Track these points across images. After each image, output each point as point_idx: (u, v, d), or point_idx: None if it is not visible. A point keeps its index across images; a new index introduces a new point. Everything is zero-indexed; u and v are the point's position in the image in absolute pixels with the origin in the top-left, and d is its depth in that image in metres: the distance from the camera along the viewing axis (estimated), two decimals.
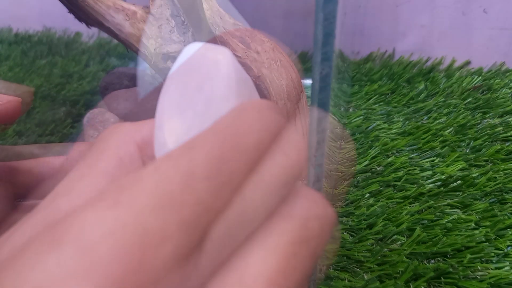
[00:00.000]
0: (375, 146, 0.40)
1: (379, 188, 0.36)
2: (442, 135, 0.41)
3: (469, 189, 0.35)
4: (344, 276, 0.29)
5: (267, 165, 0.12)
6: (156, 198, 0.10)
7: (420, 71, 0.53)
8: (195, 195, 0.10)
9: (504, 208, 0.33)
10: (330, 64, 0.16)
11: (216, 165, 0.10)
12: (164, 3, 0.32)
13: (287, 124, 0.13)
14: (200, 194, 0.10)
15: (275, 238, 0.11)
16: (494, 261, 0.29)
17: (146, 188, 0.10)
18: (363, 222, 0.33)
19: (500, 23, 0.51)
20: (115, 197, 0.10)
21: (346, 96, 0.46)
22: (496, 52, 0.53)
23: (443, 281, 0.28)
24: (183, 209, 0.10)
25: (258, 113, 0.12)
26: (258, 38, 0.33)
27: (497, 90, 0.48)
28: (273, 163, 0.12)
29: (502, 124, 0.42)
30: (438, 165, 0.37)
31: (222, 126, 0.11)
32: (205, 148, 0.11)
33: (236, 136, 0.11)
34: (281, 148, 0.12)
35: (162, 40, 0.31)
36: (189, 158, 0.10)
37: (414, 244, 0.30)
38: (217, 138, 0.11)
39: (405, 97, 0.48)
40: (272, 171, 0.12)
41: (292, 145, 0.12)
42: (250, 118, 0.12)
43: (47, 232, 0.10)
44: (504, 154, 0.38)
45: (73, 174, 0.13)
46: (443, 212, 0.33)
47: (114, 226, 0.09)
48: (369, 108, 0.47)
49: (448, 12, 0.52)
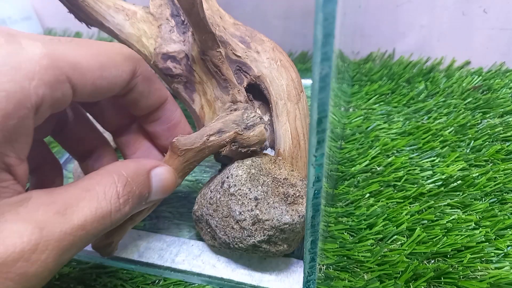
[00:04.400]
0: (375, 146, 0.40)
1: (379, 188, 0.36)
2: (442, 135, 0.41)
3: (469, 189, 0.35)
4: (344, 276, 0.29)
5: None
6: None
7: (420, 71, 0.53)
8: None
9: (504, 208, 0.33)
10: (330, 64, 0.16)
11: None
12: (164, 3, 0.32)
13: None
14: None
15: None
16: (494, 261, 0.29)
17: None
18: (363, 222, 0.33)
19: (500, 23, 0.51)
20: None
21: (346, 96, 0.46)
22: (496, 52, 0.53)
23: (443, 281, 0.28)
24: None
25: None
26: (258, 38, 0.33)
27: (497, 90, 0.48)
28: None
29: (502, 124, 0.42)
30: (438, 165, 0.37)
31: None
32: None
33: None
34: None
35: (162, 40, 0.31)
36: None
37: (414, 244, 0.30)
38: None
39: (405, 97, 0.48)
40: None
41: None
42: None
43: None
44: (504, 154, 0.38)
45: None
46: (443, 212, 0.33)
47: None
48: (369, 108, 0.47)
49: (448, 12, 0.52)
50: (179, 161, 0.27)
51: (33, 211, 0.18)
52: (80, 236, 0.18)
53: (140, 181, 0.22)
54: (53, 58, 0.18)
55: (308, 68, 0.58)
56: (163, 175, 0.24)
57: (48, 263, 0.17)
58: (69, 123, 0.27)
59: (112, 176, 0.21)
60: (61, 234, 0.18)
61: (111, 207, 0.20)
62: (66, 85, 0.19)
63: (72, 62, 0.19)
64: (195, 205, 0.31)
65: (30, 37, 0.18)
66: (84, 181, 0.20)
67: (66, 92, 0.19)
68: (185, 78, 0.31)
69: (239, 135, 0.27)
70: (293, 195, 0.27)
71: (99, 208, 0.19)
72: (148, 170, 0.23)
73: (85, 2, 0.29)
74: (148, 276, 0.30)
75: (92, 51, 0.20)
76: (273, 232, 0.26)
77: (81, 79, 0.19)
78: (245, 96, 0.30)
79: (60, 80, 0.18)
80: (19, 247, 0.16)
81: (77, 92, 0.19)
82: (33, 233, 0.17)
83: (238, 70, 0.31)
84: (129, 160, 0.24)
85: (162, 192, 0.25)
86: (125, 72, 0.22)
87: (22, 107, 0.17)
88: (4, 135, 0.17)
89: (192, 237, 0.33)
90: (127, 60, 0.22)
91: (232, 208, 0.27)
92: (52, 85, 0.18)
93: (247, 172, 0.27)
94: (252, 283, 0.29)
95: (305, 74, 0.55)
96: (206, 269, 0.30)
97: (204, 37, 0.28)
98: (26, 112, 0.17)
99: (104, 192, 0.20)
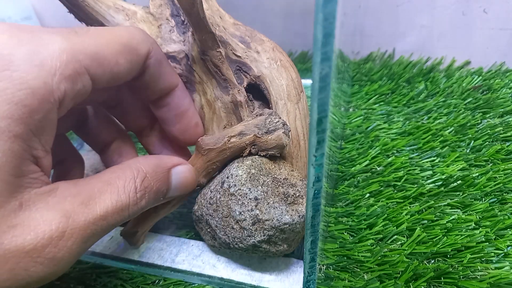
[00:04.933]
0: (375, 146, 0.40)
1: (379, 188, 0.36)
2: (442, 135, 0.41)
3: (469, 189, 0.35)
4: (344, 276, 0.29)
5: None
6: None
7: (420, 71, 0.53)
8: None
9: (504, 208, 0.33)
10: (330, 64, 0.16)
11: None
12: (164, 3, 0.32)
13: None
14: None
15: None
16: (494, 261, 0.29)
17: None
18: (363, 222, 0.33)
19: (500, 23, 0.51)
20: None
21: (346, 96, 0.46)
22: (496, 52, 0.53)
23: (443, 281, 0.28)
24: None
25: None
26: (258, 38, 0.33)
27: (497, 90, 0.48)
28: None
29: (502, 124, 0.42)
30: (438, 165, 0.37)
31: None
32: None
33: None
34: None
35: (162, 40, 0.31)
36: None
37: (414, 244, 0.30)
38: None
39: (405, 97, 0.48)
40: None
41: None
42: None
43: None
44: (504, 154, 0.38)
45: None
46: (443, 212, 0.33)
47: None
48: (369, 108, 0.47)
49: (448, 12, 0.52)
50: (203, 160, 0.28)
51: (61, 201, 0.19)
52: (101, 226, 0.20)
53: (159, 177, 0.24)
54: (72, 53, 0.19)
55: (308, 68, 0.58)
56: (184, 173, 0.26)
57: (73, 249, 0.19)
58: (90, 117, 0.29)
59: (132, 171, 0.22)
60: (85, 223, 0.19)
61: (129, 200, 0.21)
62: (85, 77, 0.20)
63: (90, 53, 0.20)
64: (195, 205, 0.31)
65: (50, 32, 0.19)
66: (106, 174, 0.22)
67: (86, 83, 0.20)
68: (185, 78, 0.31)
69: (258, 138, 0.28)
70: (293, 195, 0.27)
71: (119, 201, 0.21)
72: (169, 167, 0.25)
73: (85, 2, 0.29)
74: (148, 276, 0.30)
75: (108, 39, 0.21)
76: (273, 232, 0.26)
77: (99, 68, 0.20)
78: (245, 96, 0.30)
79: (80, 73, 0.19)
80: (48, 234, 0.18)
81: (96, 81, 0.20)
82: (60, 221, 0.18)
83: (238, 70, 0.31)
84: (152, 156, 0.25)
85: (181, 189, 0.26)
86: (140, 56, 0.23)
87: (46, 102, 0.18)
88: (31, 129, 0.18)
89: (192, 237, 0.33)
90: (141, 43, 0.23)
91: (232, 208, 0.27)
92: (72, 78, 0.19)
93: (247, 172, 0.27)
94: (252, 283, 0.29)
95: (305, 74, 0.55)
96: (206, 269, 0.30)
97: (204, 37, 0.28)
98: (50, 107, 0.18)
99: (124, 186, 0.21)
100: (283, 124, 0.28)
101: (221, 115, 0.31)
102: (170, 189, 0.25)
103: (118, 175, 0.22)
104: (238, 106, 0.30)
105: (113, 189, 0.21)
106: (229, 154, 0.28)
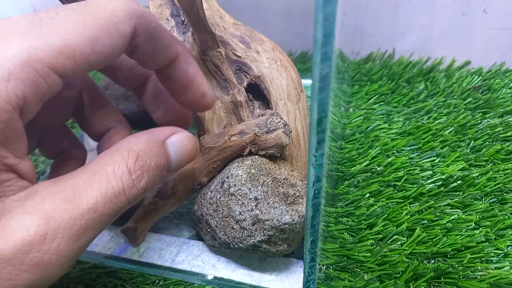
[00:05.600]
0: (375, 146, 0.40)
1: (379, 188, 0.36)
2: (442, 135, 0.41)
3: (469, 189, 0.35)
4: (344, 276, 0.29)
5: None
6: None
7: (420, 71, 0.53)
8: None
9: (504, 208, 0.33)
10: (330, 64, 0.16)
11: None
12: (164, 3, 0.32)
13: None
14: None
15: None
16: (494, 261, 0.29)
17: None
18: (363, 222, 0.33)
19: (500, 23, 0.51)
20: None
21: (346, 96, 0.46)
22: (496, 52, 0.53)
23: (443, 281, 0.28)
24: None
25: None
26: (258, 38, 0.33)
27: (497, 90, 0.48)
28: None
29: (502, 124, 0.42)
30: (438, 165, 0.37)
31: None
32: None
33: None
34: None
35: None
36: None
37: (414, 244, 0.30)
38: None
39: (405, 97, 0.48)
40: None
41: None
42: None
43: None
44: (504, 154, 0.38)
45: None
46: (443, 212, 0.33)
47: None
48: (369, 108, 0.47)
49: (448, 12, 0.52)
50: (204, 158, 0.28)
51: (39, 202, 0.18)
52: (93, 219, 0.19)
53: (154, 152, 0.21)
54: (31, 52, 0.17)
55: (308, 68, 0.58)
56: (181, 141, 0.23)
57: (62, 250, 0.18)
58: (86, 104, 0.27)
59: (121, 153, 0.20)
60: (70, 221, 0.18)
61: (123, 184, 0.20)
62: (51, 76, 0.18)
63: (55, 48, 0.18)
64: (195, 205, 0.31)
65: (5, 30, 0.17)
66: (93, 163, 0.20)
67: (53, 82, 0.18)
68: None
69: (258, 136, 0.28)
70: (293, 195, 0.27)
71: (109, 188, 0.19)
72: (162, 140, 0.22)
73: None
74: (148, 276, 0.30)
75: (79, 25, 0.18)
76: (273, 232, 0.26)
77: (69, 61, 0.18)
78: (245, 96, 0.30)
79: (42, 74, 0.17)
80: (27, 240, 0.17)
81: (68, 75, 0.18)
82: (39, 224, 0.17)
83: (238, 70, 0.31)
84: (141, 133, 0.23)
85: (183, 159, 0.23)
86: (123, 36, 0.20)
87: (2, 111, 0.16)
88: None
89: (192, 237, 0.33)
90: (123, 22, 0.20)
91: (232, 208, 0.27)
92: (33, 81, 0.17)
93: (247, 172, 0.27)
94: (252, 283, 0.29)
95: (305, 74, 0.55)
96: (206, 269, 0.30)
97: (204, 37, 0.28)
98: (9, 115, 0.17)
99: (114, 171, 0.20)
100: (284, 124, 0.28)
101: (221, 115, 0.31)
102: (170, 161, 0.23)
103: (106, 161, 0.20)
104: (238, 106, 0.30)
105: (101, 177, 0.19)
106: (230, 153, 0.28)
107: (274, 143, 0.28)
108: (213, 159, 0.28)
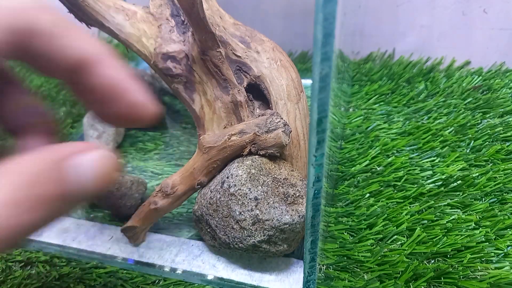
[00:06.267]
0: (375, 146, 0.40)
1: (379, 188, 0.36)
2: (442, 135, 0.41)
3: (469, 189, 0.35)
4: (344, 276, 0.29)
5: None
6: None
7: (420, 71, 0.53)
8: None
9: (504, 208, 0.33)
10: (330, 64, 0.16)
11: None
12: (164, 3, 0.32)
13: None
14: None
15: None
16: (494, 261, 0.29)
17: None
18: (363, 222, 0.33)
19: (500, 23, 0.51)
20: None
21: (346, 96, 0.46)
22: (496, 52, 0.53)
23: (443, 281, 0.28)
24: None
25: None
26: (258, 38, 0.33)
27: (497, 90, 0.48)
28: None
29: (502, 124, 0.42)
30: (438, 165, 0.37)
31: None
32: None
33: None
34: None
35: (162, 40, 0.31)
36: None
37: (414, 244, 0.30)
38: None
39: (405, 97, 0.48)
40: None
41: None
42: None
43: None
44: (504, 154, 0.38)
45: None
46: (443, 212, 0.33)
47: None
48: (369, 108, 0.47)
49: (448, 12, 0.52)
50: (204, 158, 0.28)
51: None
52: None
53: (45, 179, 0.17)
54: None
55: (308, 68, 0.58)
56: (92, 162, 0.18)
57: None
58: (5, 98, 0.22)
59: (5, 178, 0.16)
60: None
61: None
62: None
63: None
64: (195, 205, 0.31)
65: None
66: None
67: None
68: (185, 78, 0.31)
69: (258, 136, 0.28)
70: (293, 195, 0.27)
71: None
72: (61, 161, 0.17)
73: (85, 2, 0.29)
74: (148, 276, 0.30)
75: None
76: (273, 232, 0.26)
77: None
78: (245, 96, 0.30)
79: None
80: None
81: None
82: None
83: (238, 70, 0.31)
84: (40, 151, 0.18)
85: (97, 183, 0.18)
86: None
87: None
88: None
89: (192, 237, 0.33)
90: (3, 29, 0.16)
91: (232, 208, 0.27)
92: None
93: (247, 172, 0.27)
94: (252, 283, 0.29)
95: (305, 74, 0.55)
96: (206, 269, 0.30)
97: (204, 37, 0.28)
98: None
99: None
100: (284, 124, 0.28)
101: (221, 115, 0.31)
102: (72, 189, 0.17)
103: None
104: (238, 106, 0.30)
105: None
106: (230, 153, 0.28)
107: (274, 142, 0.28)
108: (213, 158, 0.28)
